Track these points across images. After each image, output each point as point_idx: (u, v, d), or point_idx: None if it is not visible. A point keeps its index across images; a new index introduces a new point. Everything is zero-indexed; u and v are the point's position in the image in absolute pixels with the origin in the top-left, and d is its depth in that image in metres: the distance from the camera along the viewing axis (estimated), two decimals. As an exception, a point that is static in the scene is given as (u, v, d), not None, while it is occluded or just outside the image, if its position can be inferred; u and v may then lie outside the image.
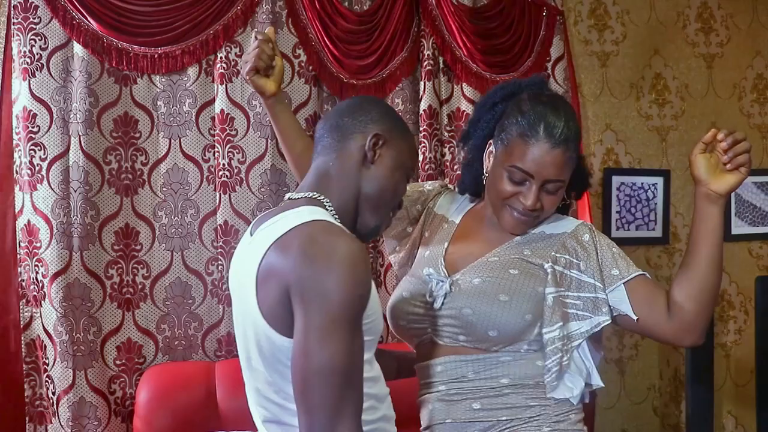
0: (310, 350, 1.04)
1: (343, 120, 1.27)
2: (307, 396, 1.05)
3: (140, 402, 2.14)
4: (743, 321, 3.11)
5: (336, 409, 1.04)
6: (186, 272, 2.34)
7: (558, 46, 2.70)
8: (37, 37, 2.18)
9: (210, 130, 2.36)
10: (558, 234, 1.48)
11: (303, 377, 1.05)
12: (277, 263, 1.09)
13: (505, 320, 1.38)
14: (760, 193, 3.09)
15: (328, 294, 1.04)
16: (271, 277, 1.09)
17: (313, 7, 2.40)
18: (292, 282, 1.06)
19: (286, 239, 1.10)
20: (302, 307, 1.05)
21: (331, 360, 1.04)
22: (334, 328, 1.04)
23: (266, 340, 1.12)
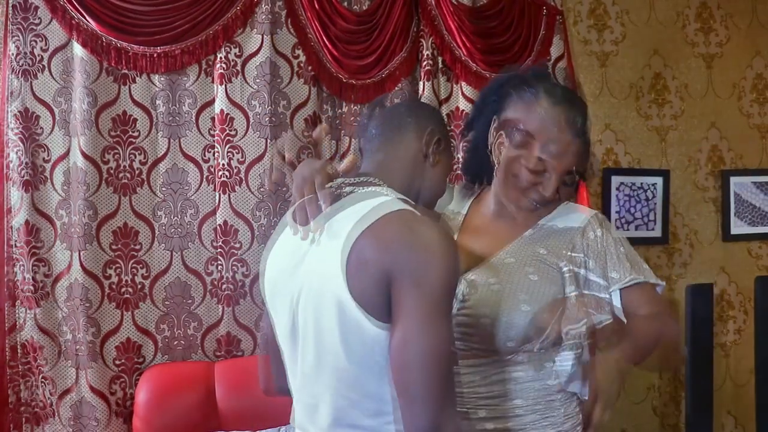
0: (413, 336, 1.05)
1: (406, 119, 1.28)
2: (411, 384, 1.05)
3: (140, 402, 2.14)
4: (743, 321, 3.11)
5: (441, 397, 1.05)
6: (185, 272, 2.34)
7: (558, 46, 2.70)
8: (38, 38, 2.18)
9: (210, 131, 2.36)
10: (569, 229, 1.43)
11: (405, 364, 1.05)
12: (373, 251, 1.08)
13: (524, 331, 1.33)
14: (759, 193, 3.09)
15: (430, 279, 1.06)
16: (368, 265, 1.08)
17: (312, 7, 2.40)
18: (394, 269, 1.06)
19: (379, 227, 1.10)
20: (404, 293, 1.06)
21: (434, 345, 1.05)
22: (435, 314, 1.06)
23: (357, 329, 1.10)
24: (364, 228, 1.10)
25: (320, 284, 1.14)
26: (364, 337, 1.10)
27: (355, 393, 1.14)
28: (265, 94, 2.36)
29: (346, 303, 1.10)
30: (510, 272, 1.39)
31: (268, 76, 2.36)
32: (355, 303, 1.09)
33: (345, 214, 1.16)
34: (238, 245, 2.35)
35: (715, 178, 3.07)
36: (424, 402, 1.04)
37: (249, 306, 2.36)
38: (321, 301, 1.14)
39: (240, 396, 2.17)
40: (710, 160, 3.06)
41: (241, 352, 2.37)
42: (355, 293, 1.09)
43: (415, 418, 1.05)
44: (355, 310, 1.09)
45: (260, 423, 2.08)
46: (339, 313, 1.11)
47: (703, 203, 3.06)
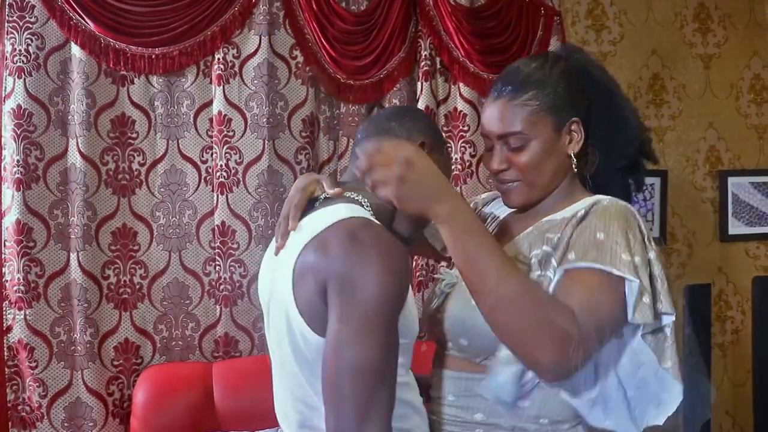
0: (343, 346, 1.01)
1: (390, 124, 1.25)
2: (336, 394, 1.02)
3: (137, 403, 2.14)
4: (740, 321, 3.11)
5: (365, 408, 1.01)
6: (183, 272, 2.34)
7: (555, 47, 2.70)
8: (33, 36, 2.18)
9: (208, 132, 2.36)
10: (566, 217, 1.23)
11: (332, 374, 1.02)
12: (314, 259, 1.07)
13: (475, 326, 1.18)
14: (757, 194, 3.09)
15: (365, 290, 1.02)
16: (308, 273, 1.07)
17: (310, 7, 2.40)
18: (330, 277, 1.04)
19: (324, 235, 1.08)
20: (338, 303, 1.03)
21: (363, 358, 1.01)
22: (368, 326, 1.02)
23: (302, 339, 1.09)
24: (311, 237, 1.09)
25: (276, 293, 1.15)
26: (309, 347, 1.09)
27: (310, 399, 1.14)
28: (262, 95, 2.36)
29: (291, 313, 1.09)
30: None
31: (266, 77, 2.36)
32: (299, 313, 1.08)
33: (306, 220, 1.15)
34: (236, 246, 2.35)
35: (712, 179, 3.07)
36: (347, 414, 1.02)
37: (247, 307, 2.37)
38: (276, 309, 1.15)
39: (238, 396, 2.18)
40: (708, 160, 3.06)
41: (239, 352, 2.37)
42: (299, 304, 1.08)
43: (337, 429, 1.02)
44: (298, 320, 1.08)
45: (258, 423, 2.08)
46: (287, 323, 1.10)
47: (701, 203, 3.06)
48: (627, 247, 1.13)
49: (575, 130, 1.28)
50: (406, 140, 1.21)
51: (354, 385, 1.01)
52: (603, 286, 1.12)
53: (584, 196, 1.28)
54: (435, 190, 1.09)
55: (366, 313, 1.02)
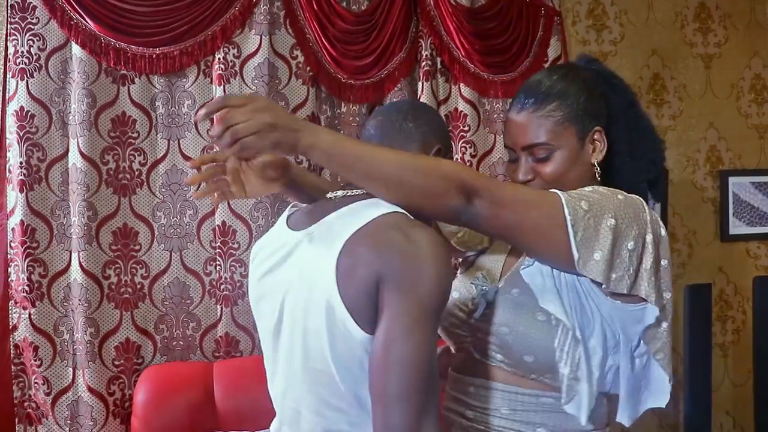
0: (396, 339, 1.01)
1: (407, 124, 1.23)
2: (388, 388, 1.00)
3: (138, 402, 2.15)
4: (741, 321, 3.11)
5: (419, 404, 1.00)
6: (184, 272, 2.35)
7: (555, 47, 2.71)
8: (35, 37, 2.18)
9: (208, 132, 2.35)
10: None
11: (384, 367, 1.01)
12: (364, 253, 1.05)
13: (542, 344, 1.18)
14: (757, 194, 3.09)
15: (419, 284, 1.02)
16: (357, 268, 1.05)
17: (310, 7, 2.41)
18: (384, 272, 1.03)
19: (371, 229, 1.07)
20: (392, 296, 1.02)
21: (416, 351, 1.01)
22: (422, 320, 1.02)
23: (344, 335, 1.07)
24: (355, 230, 1.08)
25: (309, 286, 1.11)
26: (351, 343, 1.07)
27: (339, 400, 1.11)
28: (263, 95, 2.36)
29: (336, 307, 1.06)
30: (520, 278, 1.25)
31: (267, 77, 2.36)
32: (345, 307, 1.05)
33: (337, 215, 1.13)
34: (236, 246, 2.36)
35: (713, 179, 3.07)
36: (401, 409, 1.00)
37: (247, 306, 2.34)
38: (310, 303, 1.10)
39: (238, 396, 2.18)
40: (708, 160, 3.06)
41: (240, 352, 2.38)
42: (345, 297, 1.06)
43: (388, 425, 1.00)
44: (344, 314, 1.06)
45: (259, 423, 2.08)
46: (327, 316, 1.07)
47: (702, 203, 3.06)
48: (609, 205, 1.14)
49: (598, 139, 1.29)
50: (421, 144, 1.22)
51: (408, 380, 1.00)
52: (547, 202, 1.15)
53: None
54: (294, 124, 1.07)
55: (420, 308, 1.02)
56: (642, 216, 1.16)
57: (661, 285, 1.18)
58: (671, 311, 1.21)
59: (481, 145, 2.64)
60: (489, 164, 2.64)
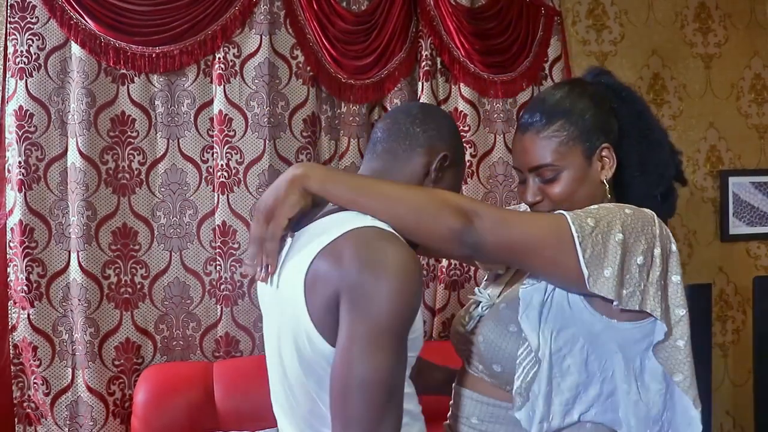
0: (354, 360, 0.99)
1: (414, 129, 1.20)
2: (346, 408, 1.00)
3: (138, 402, 2.14)
4: (741, 321, 3.11)
5: (375, 424, 0.99)
6: (184, 272, 2.34)
7: (555, 47, 2.71)
8: (34, 36, 2.18)
9: (208, 131, 2.36)
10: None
11: (343, 388, 1.00)
12: (327, 269, 1.04)
13: (510, 354, 1.18)
14: (757, 194, 3.09)
15: (378, 303, 0.99)
16: (320, 282, 1.04)
17: (310, 7, 2.40)
18: (343, 288, 1.01)
19: (337, 244, 1.05)
20: (350, 315, 1.00)
21: (374, 372, 0.99)
22: (381, 340, 0.99)
23: (310, 346, 1.06)
24: (324, 245, 1.06)
25: (285, 300, 1.11)
26: (317, 355, 1.06)
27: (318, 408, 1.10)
28: (263, 95, 2.36)
29: (303, 320, 1.06)
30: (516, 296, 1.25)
31: (267, 77, 2.36)
32: (311, 322, 1.05)
33: (319, 224, 1.12)
34: (237, 246, 2.35)
35: (713, 179, 3.07)
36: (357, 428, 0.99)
37: (247, 306, 2.37)
38: (285, 317, 1.11)
39: (238, 396, 2.18)
40: (709, 160, 3.06)
41: (240, 352, 2.37)
42: (311, 311, 1.05)
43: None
44: (310, 326, 1.05)
45: (259, 423, 2.08)
46: (296, 328, 1.08)
47: (702, 203, 3.06)
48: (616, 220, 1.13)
49: (607, 156, 1.27)
50: (427, 149, 1.20)
51: (364, 401, 0.99)
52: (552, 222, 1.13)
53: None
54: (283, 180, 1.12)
55: (378, 328, 1.00)
56: (651, 229, 1.14)
57: (672, 300, 1.16)
58: (687, 329, 1.17)
59: (481, 145, 2.64)
60: (489, 164, 2.64)
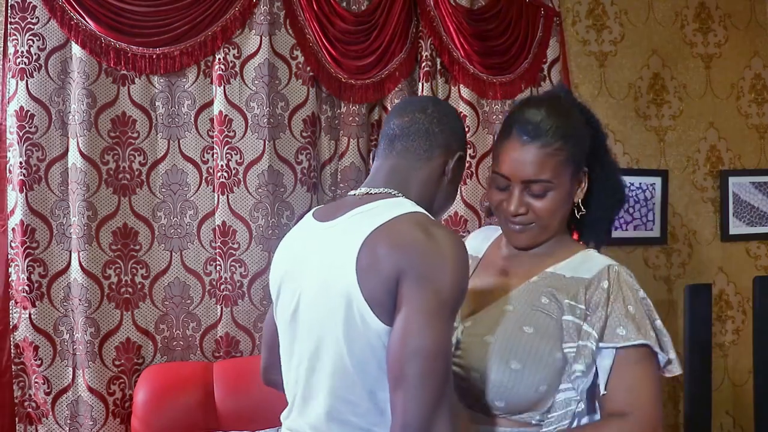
0: (416, 330, 1.04)
1: (433, 128, 1.24)
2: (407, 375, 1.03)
3: (138, 402, 2.15)
4: (741, 321, 3.11)
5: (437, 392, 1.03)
6: (185, 272, 2.35)
7: (554, 48, 2.71)
8: (35, 37, 2.18)
9: (209, 132, 2.37)
10: (577, 279, 1.29)
11: (404, 355, 1.04)
12: (386, 248, 1.08)
13: (515, 392, 1.21)
14: (758, 194, 3.09)
15: (442, 278, 1.06)
16: (377, 263, 1.08)
17: (310, 7, 2.41)
18: (405, 266, 1.06)
19: (393, 225, 1.10)
20: (414, 291, 1.05)
21: (435, 341, 1.04)
22: (441, 312, 1.05)
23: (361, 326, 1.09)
24: (377, 226, 1.11)
25: (328, 278, 1.13)
26: (368, 334, 1.09)
27: (349, 392, 1.13)
28: (263, 96, 2.36)
29: (354, 299, 1.09)
30: (505, 323, 1.27)
31: (267, 78, 2.36)
32: (364, 299, 1.08)
33: (361, 210, 1.17)
34: (237, 246, 2.36)
35: (713, 178, 3.07)
36: (418, 396, 1.03)
37: (247, 307, 2.37)
38: (328, 294, 1.13)
39: (238, 396, 2.18)
40: (709, 160, 3.06)
41: (240, 352, 2.38)
42: (364, 290, 1.09)
43: (407, 414, 1.03)
44: (363, 306, 1.09)
45: (259, 423, 2.08)
46: (346, 307, 1.10)
47: (702, 203, 3.06)
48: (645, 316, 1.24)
49: (582, 178, 1.33)
50: (444, 150, 1.24)
51: (428, 371, 1.04)
52: (651, 364, 1.24)
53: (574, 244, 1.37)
54: None
55: (440, 302, 1.06)
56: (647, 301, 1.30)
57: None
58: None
59: (480, 146, 2.64)
60: (488, 165, 2.64)
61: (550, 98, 1.36)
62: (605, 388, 1.21)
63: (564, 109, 1.31)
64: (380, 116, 2.53)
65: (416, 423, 1.02)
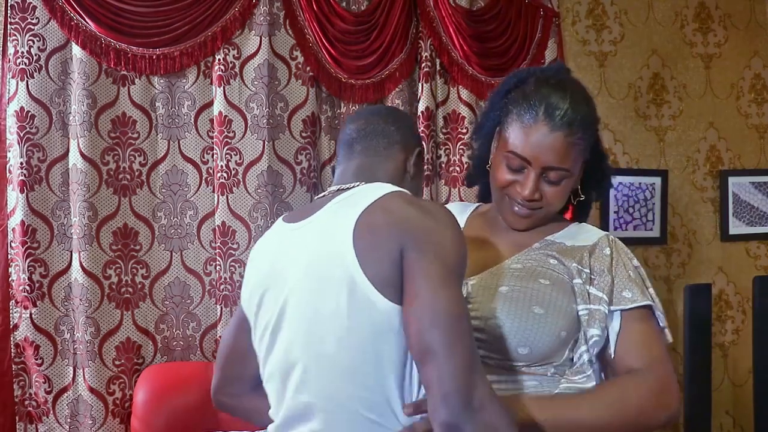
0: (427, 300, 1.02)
1: (389, 127, 1.28)
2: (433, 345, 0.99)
3: (138, 402, 2.15)
4: (741, 321, 3.11)
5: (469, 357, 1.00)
6: (185, 272, 2.36)
7: (552, 49, 2.71)
8: (35, 38, 2.19)
9: (209, 132, 2.37)
10: (578, 247, 1.31)
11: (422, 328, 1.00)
12: (383, 222, 1.08)
13: (539, 337, 1.20)
14: (757, 194, 3.09)
15: (445, 246, 1.07)
16: (378, 240, 1.07)
17: (310, 8, 2.41)
18: (407, 240, 1.06)
19: (380, 205, 1.10)
20: (421, 262, 1.04)
21: (449, 306, 1.02)
22: (448, 279, 1.05)
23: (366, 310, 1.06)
24: (366, 206, 1.10)
25: (322, 272, 1.10)
26: (375, 318, 1.06)
27: (354, 384, 1.08)
28: (263, 97, 2.36)
29: (358, 282, 1.06)
30: (518, 278, 1.26)
31: (266, 78, 2.37)
32: (368, 280, 1.06)
33: (340, 199, 1.17)
34: (236, 246, 2.36)
35: (713, 178, 3.07)
36: (451, 362, 0.98)
37: (247, 307, 2.37)
38: (326, 289, 1.09)
39: (238, 396, 2.18)
40: (708, 160, 3.06)
41: (240, 352, 2.38)
42: (367, 270, 1.06)
43: (443, 384, 0.98)
44: (367, 287, 1.06)
45: (258, 423, 2.08)
46: (349, 293, 1.07)
47: (702, 203, 3.06)
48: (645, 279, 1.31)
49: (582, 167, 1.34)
50: (402, 146, 1.27)
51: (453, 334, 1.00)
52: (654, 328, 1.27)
53: (563, 218, 1.41)
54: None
55: (447, 269, 1.06)
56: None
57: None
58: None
59: (481, 145, 2.64)
60: (488, 164, 2.65)
61: (569, 82, 1.33)
62: (614, 350, 1.24)
63: (584, 96, 1.31)
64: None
65: (456, 390, 0.97)
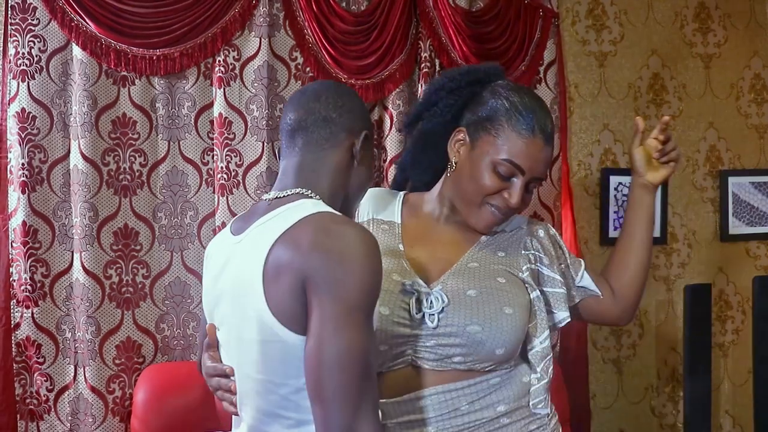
0: (327, 339, 1.01)
1: (331, 114, 1.20)
2: (324, 387, 1.01)
3: (138, 402, 2.16)
4: (741, 321, 3.11)
5: (356, 400, 1.01)
6: (185, 272, 2.37)
7: (551, 50, 2.71)
8: (36, 39, 2.20)
9: (209, 134, 2.38)
10: (517, 230, 1.47)
11: (318, 367, 1.01)
12: (288, 256, 1.05)
13: (513, 335, 1.29)
14: (757, 194, 3.09)
15: (346, 282, 1.02)
16: (282, 271, 1.05)
17: (309, 8, 2.41)
18: (308, 273, 1.03)
19: (294, 231, 1.06)
20: (320, 298, 1.02)
21: (348, 349, 1.01)
22: (351, 318, 1.02)
23: (276, 342, 1.07)
24: (280, 234, 1.07)
25: (240, 295, 1.11)
26: (285, 348, 1.07)
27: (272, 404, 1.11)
28: (262, 98, 2.37)
29: (264, 315, 1.06)
30: (480, 278, 1.33)
31: (266, 80, 2.37)
32: (271, 313, 1.05)
33: (267, 219, 1.14)
34: (237, 246, 2.37)
35: (713, 178, 3.07)
36: (338, 406, 1.00)
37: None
38: (242, 312, 1.11)
39: (238, 396, 2.19)
40: (708, 160, 3.06)
41: (240, 352, 2.39)
42: (271, 303, 1.06)
43: (328, 423, 1.01)
44: (272, 320, 1.06)
45: (258, 423, 2.09)
46: (259, 325, 1.08)
47: (701, 203, 3.06)
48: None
49: None
50: (348, 134, 1.20)
51: (341, 378, 1.01)
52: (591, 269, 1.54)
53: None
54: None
55: (348, 307, 1.02)
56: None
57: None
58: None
59: (481, 145, 2.64)
60: (488, 165, 2.65)
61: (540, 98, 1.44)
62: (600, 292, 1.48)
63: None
64: (380, 116, 2.54)
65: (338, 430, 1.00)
